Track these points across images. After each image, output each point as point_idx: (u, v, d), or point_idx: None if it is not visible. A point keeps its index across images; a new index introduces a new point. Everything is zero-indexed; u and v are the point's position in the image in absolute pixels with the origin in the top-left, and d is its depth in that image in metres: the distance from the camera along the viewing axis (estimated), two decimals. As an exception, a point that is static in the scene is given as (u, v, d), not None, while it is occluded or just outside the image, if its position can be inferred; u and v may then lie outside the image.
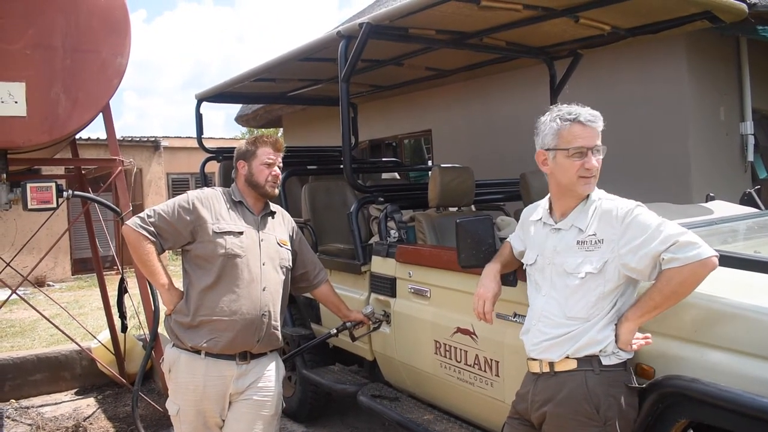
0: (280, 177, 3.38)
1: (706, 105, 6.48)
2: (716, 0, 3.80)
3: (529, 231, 2.72)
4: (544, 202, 2.70)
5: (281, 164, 3.39)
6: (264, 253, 3.27)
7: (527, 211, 2.81)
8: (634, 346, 2.39)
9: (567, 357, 2.44)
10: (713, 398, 2.24)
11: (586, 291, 2.43)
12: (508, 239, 2.94)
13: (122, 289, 5.25)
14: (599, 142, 2.48)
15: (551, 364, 2.48)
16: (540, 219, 2.66)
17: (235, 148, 3.53)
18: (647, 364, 2.52)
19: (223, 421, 3.22)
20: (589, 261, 2.42)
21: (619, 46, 5.09)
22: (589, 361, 2.41)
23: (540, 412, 2.49)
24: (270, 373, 3.32)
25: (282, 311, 3.39)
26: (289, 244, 3.47)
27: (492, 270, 2.82)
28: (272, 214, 3.45)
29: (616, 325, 2.40)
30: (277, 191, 3.36)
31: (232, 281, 3.16)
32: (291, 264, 3.46)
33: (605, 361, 2.39)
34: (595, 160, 2.46)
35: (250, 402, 3.22)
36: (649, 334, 2.44)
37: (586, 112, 2.48)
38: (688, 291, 2.28)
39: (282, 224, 3.50)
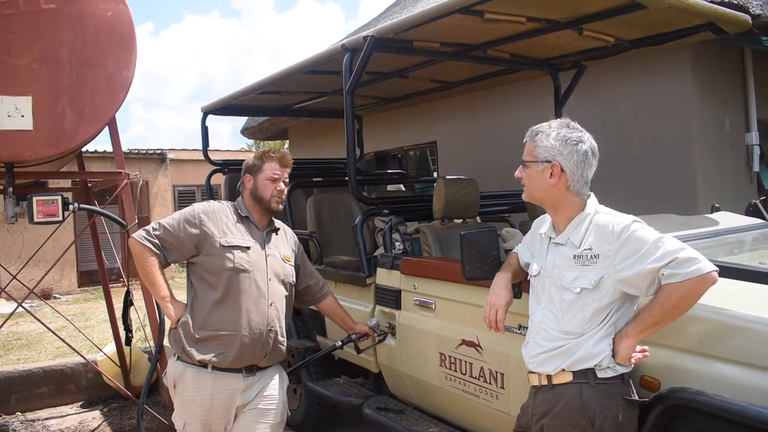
0: (285, 193, 3.40)
1: (711, 115, 6.47)
2: (720, 11, 3.80)
3: (536, 242, 2.73)
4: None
5: (287, 180, 3.40)
6: (270, 268, 3.29)
7: (537, 223, 2.81)
8: (632, 360, 2.39)
9: (563, 370, 2.44)
10: (719, 411, 2.22)
11: (581, 306, 2.42)
12: (515, 249, 2.94)
13: (128, 302, 5.25)
14: (525, 157, 2.60)
15: (549, 377, 2.49)
16: (545, 232, 2.66)
17: (242, 160, 3.58)
18: (652, 376, 2.52)
19: (228, 432, 3.23)
20: (584, 276, 2.42)
21: (624, 58, 5.09)
22: (585, 374, 2.41)
23: (539, 424, 2.50)
24: (274, 382, 3.33)
25: (286, 326, 3.40)
26: (292, 260, 3.48)
27: (503, 279, 2.82)
28: (276, 230, 3.47)
29: (613, 339, 2.40)
30: (281, 207, 3.38)
31: (240, 296, 3.17)
32: (295, 280, 3.47)
33: (601, 374, 2.39)
34: (517, 171, 2.63)
35: (255, 411, 3.24)
36: (646, 347, 2.44)
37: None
38: (689, 306, 2.27)
39: (285, 240, 3.52)
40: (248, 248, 3.25)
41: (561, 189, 2.51)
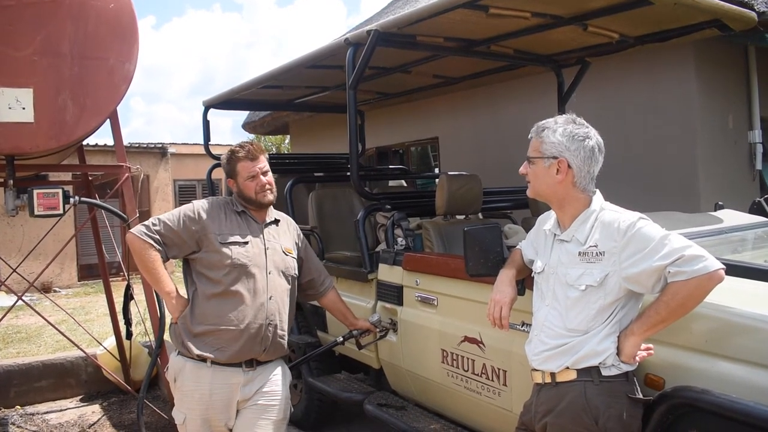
0: (272, 182, 3.33)
1: (714, 113, 6.46)
2: (725, 8, 3.78)
3: (540, 239, 2.71)
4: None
5: (266, 168, 3.32)
6: (270, 261, 3.26)
7: (542, 219, 2.79)
8: (637, 359, 2.38)
9: (567, 368, 2.43)
10: (724, 410, 2.21)
11: (586, 303, 2.41)
12: (518, 246, 2.93)
13: (128, 296, 5.24)
14: (530, 153, 2.58)
15: (552, 375, 2.47)
16: (550, 228, 2.64)
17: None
18: (657, 374, 2.50)
19: (230, 430, 3.20)
20: (589, 273, 2.40)
21: (628, 54, 5.07)
22: (589, 372, 2.39)
23: (542, 422, 2.48)
24: (276, 378, 3.31)
25: (289, 320, 3.37)
26: (294, 252, 3.45)
27: (508, 275, 2.80)
28: (276, 222, 3.44)
29: (618, 337, 2.38)
30: (270, 197, 3.33)
31: (238, 291, 3.15)
32: (297, 272, 3.44)
33: (605, 372, 2.37)
34: (522, 167, 2.62)
35: (256, 407, 3.22)
36: (651, 345, 2.42)
37: None
38: (695, 304, 2.25)
39: (287, 232, 3.49)
40: (246, 243, 3.23)
41: (567, 185, 2.49)
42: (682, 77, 6.34)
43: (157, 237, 3.19)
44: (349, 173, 4.45)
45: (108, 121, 4.71)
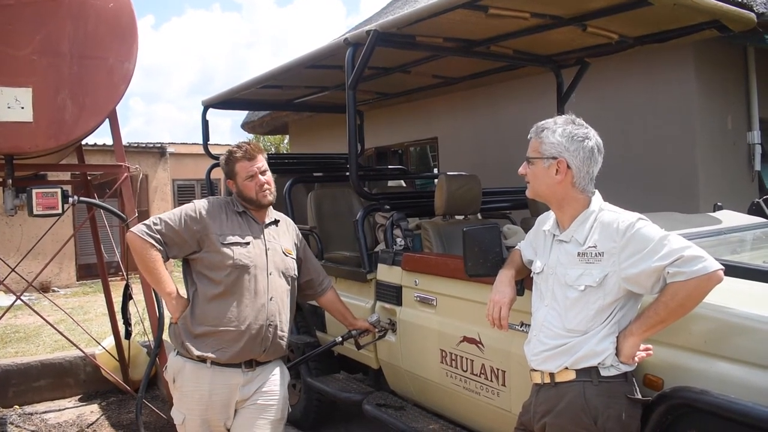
0: (270, 181, 3.32)
1: (713, 114, 6.46)
2: (725, 9, 3.79)
3: (540, 240, 2.71)
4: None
5: (264, 167, 3.31)
6: (271, 262, 3.26)
7: (541, 220, 2.79)
8: (636, 359, 2.38)
9: (566, 368, 2.42)
10: (723, 410, 2.21)
11: (585, 303, 2.40)
12: (517, 246, 2.92)
13: (127, 296, 5.24)
14: (529, 153, 2.58)
15: (552, 375, 2.47)
16: (549, 229, 2.64)
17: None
18: (655, 375, 2.50)
19: (228, 429, 3.20)
20: (589, 273, 2.40)
21: (627, 55, 5.07)
22: (588, 373, 2.39)
23: (541, 423, 2.48)
24: (275, 378, 3.30)
25: (289, 321, 3.37)
26: (294, 253, 3.45)
27: (507, 276, 2.79)
28: (276, 222, 3.44)
29: (617, 338, 2.38)
30: (270, 197, 3.32)
31: (239, 291, 3.14)
32: (297, 273, 3.44)
33: (604, 373, 2.37)
34: (521, 168, 2.61)
35: (254, 407, 3.21)
36: (650, 346, 2.42)
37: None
38: (694, 305, 2.25)
39: (287, 233, 3.48)
40: (247, 243, 3.22)
41: (566, 186, 2.49)
42: (682, 78, 6.35)
43: (158, 236, 3.17)
44: (348, 173, 4.44)
45: (107, 120, 4.71)
